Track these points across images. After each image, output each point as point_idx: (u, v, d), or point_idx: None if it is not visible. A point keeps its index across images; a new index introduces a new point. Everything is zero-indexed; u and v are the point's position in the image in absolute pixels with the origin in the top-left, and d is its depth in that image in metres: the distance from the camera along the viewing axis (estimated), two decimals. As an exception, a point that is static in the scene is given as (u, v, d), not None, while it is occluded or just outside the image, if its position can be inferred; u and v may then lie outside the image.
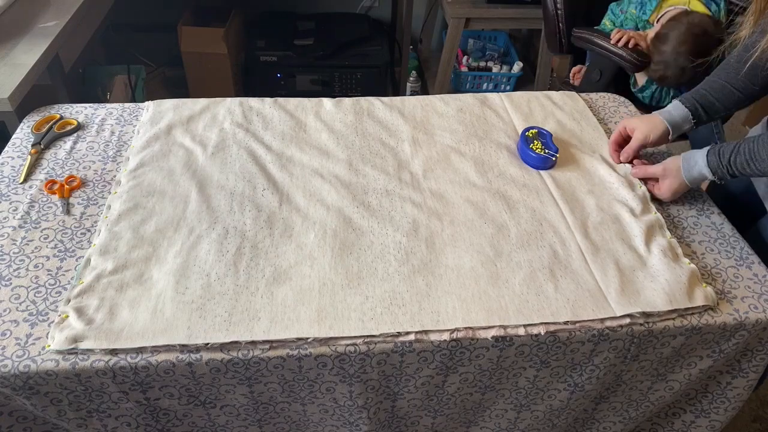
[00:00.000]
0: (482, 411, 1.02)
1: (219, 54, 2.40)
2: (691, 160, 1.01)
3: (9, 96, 1.23)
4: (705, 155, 0.99)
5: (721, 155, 0.97)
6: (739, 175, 0.96)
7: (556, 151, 1.14)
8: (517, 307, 0.88)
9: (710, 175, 0.99)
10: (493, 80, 2.69)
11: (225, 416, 0.93)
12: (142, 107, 1.26)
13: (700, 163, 1.00)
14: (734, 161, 0.95)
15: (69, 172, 1.09)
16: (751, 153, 0.93)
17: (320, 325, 0.84)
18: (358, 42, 2.55)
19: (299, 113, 1.26)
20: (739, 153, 0.95)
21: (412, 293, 0.89)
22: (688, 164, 1.02)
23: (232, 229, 0.98)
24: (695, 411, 1.07)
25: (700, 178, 1.02)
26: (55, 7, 1.61)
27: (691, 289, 0.91)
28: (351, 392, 0.90)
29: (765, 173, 0.94)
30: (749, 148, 0.94)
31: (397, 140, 1.21)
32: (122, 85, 2.28)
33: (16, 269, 0.90)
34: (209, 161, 1.12)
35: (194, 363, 0.81)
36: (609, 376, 0.95)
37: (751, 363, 0.98)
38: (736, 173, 0.96)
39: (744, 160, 0.94)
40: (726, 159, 0.96)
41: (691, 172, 1.02)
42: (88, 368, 0.79)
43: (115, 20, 2.46)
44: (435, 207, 1.05)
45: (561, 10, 1.77)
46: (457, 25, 2.23)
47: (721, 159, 0.97)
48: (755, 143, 0.93)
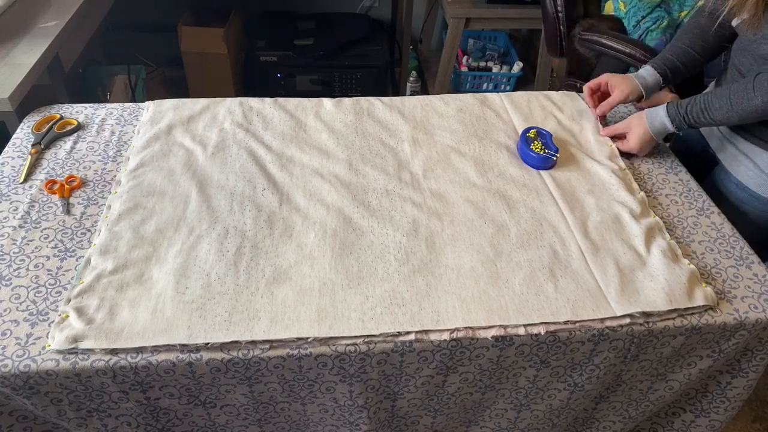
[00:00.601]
0: (482, 411, 1.02)
1: (219, 54, 2.40)
2: (654, 113, 1.14)
3: (9, 96, 1.23)
4: (666, 107, 1.11)
5: (679, 106, 1.09)
6: (695, 123, 1.08)
7: (556, 151, 1.14)
8: (517, 306, 0.88)
9: (670, 124, 1.11)
10: (493, 80, 2.69)
11: (225, 416, 0.93)
12: (142, 107, 1.26)
13: (661, 114, 1.12)
14: (690, 110, 1.08)
15: (69, 172, 1.09)
16: (705, 103, 1.06)
17: (320, 324, 0.84)
18: (358, 42, 2.55)
19: (299, 113, 1.26)
20: (695, 103, 1.07)
21: (412, 293, 0.89)
22: (651, 117, 1.14)
23: (232, 228, 0.98)
24: (695, 411, 1.07)
25: (662, 128, 1.13)
26: (55, 7, 1.61)
27: (691, 289, 0.91)
28: (351, 392, 0.90)
29: (717, 121, 1.07)
30: (704, 99, 1.06)
31: (397, 140, 1.21)
32: (122, 85, 2.28)
33: (17, 269, 0.90)
34: (209, 161, 1.12)
35: (194, 363, 0.81)
36: (609, 375, 0.95)
37: (751, 363, 0.98)
38: (692, 122, 1.08)
39: (699, 109, 1.06)
40: (683, 109, 1.08)
41: (654, 123, 1.14)
42: (88, 368, 0.79)
43: (115, 20, 2.46)
44: (435, 207, 1.05)
45: (561, 12, 1.77)
46: (457, 25, 2.23)
47: (679, 109, 1.09)
48: (710, 95, 1.06)
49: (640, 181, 1.15)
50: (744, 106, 1.01)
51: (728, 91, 1.03)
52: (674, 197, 1.12)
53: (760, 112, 1.00)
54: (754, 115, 1.01)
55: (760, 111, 1.00)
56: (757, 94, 0.98)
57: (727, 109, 1.03)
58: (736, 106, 1.02)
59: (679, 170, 1.19)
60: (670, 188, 1.14)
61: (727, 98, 1.03)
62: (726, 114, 1.04)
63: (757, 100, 0.98)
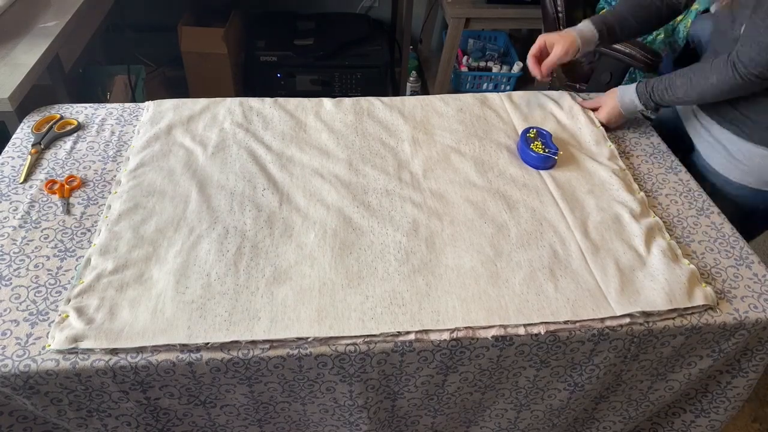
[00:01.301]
0: (482, 410, 1.02)
1: (219, 54, 2.40)
2: (625, 89, 1.22)
3: (9, 96, 1.23)
4: (636, 85, 1.19)
5: (647, 84, 1.16)
6: (660, 101, 1.15)
7: (557, 150, 1.14)
8: (517, 306, 0.88)
9: (638, 101, 1.19)
10: (493, 80, 2.69)
11: (225, 416, 0.93)
12: (142, 107, 1.26)
13: (630, 91, 1.20)
14: (656, 88, 1.15)
15: (69, 172, 1.09)
16: (669, 82, 1.13)
17: (320, 324, 0.84)
18: (358, 42, 2.55)
19: (299, 113, 1.26)
20: (661, 81, 1.14)
21: (412, 293, 0.89)
22: (621, 93, 1.23)
23: (232, 228, 0.98)
24: (695, 410, 1.07)
25: (631, 105, 1.21)
26: (55, 7, 1.61)
27: (690, 289, 0.91)
28: (351, 392, 0.90)
29: (678, 99, 1.13)
30: (668, 78, 1.13)
31: (397, 140, 1.21)
32: (122, 85, 2.28)
33: (17, 269, 0.90)
34: (209, 161, 1.12)
35: (194, 362, 0.81)
36: (609, 375, 0.95)
37: (751, 362, 0.98)
38: (657, 99, 1.15)
39: (663, 87, 1.13)
40: (650, 87, 1.15)
41: (624, 99, 1.22)
42: (88, 368, 0.79)
43: (115, 20, 2.46)
44: (435, 207, 1.05)
45: (561, 12, 1.77)
46: (457, 25, 2.22)
47: (646, 87, 1.16)
48: (674, 74, 1.13)
49: (640, 181, 1.15)
50: (701, 84, 1.07)
51: (690, 71, 1.10)
52: (674, 197, 1.12)
53: (715, 90, 1.06)
54: (710, 92, 1.07)
55: (714, 90, 1.06)
56: (713, 74, 1.05)
57: (687, 88, 1.10)
58: (695, 84, 1.08)
59: (679, 170, 1.19)
60: (670, 188, 1.14)
61: (687, 77, 1.10)
62: (686, 92, 1.10)
63: (712, 78, 1.05)
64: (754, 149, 1.10)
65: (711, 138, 1.17)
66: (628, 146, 1.25)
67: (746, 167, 1.12)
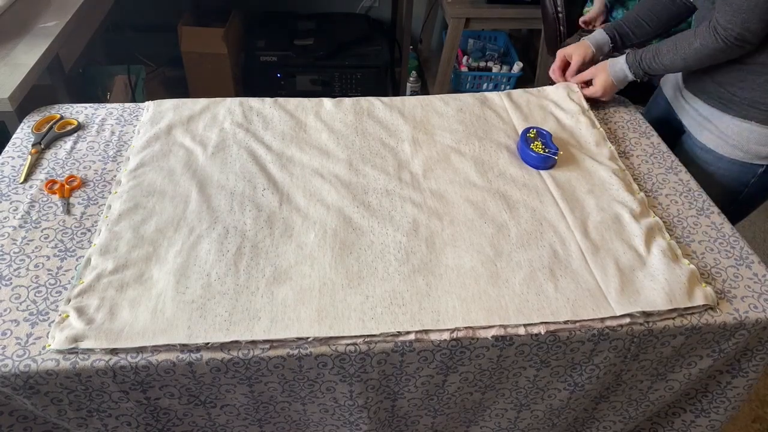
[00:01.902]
0: (482, 410, 1.02)
1: (219, 54, 2.40)
2: (615, 61, 1.26)
3: (9, 96, 1.23)
4: (625, 56, 1.23)
5: (635, 53, 1.21)
6: (648, 69, 1.19)
7: (557, 150, 1.14)
8: (517, 306, 0.88)
9: (628, 70, 1.23)
10: (493, 80, 2.69)
11: (225, 416, 0.93)
12: (142, 107, 1.26)
13: (620, 62, 1.24)
14: (644, 57, 1.19)
15: (69, 172, 1.09)
16: (655, 50, 1.17)
17: (320, 324, 0.84)
18: (358, 42, 2.55)
19: (299, 113, 1.26)
20: (648, 50, 1.18)
21: (412, 293, 0.89)
22: (613, 63, 1.26)
23: (233, 228, 0.98)
24: (695, 410, 1.07)
25: (622, 74, 1.25)
26: (55, 7, 1.61)
27: (690, 289, 0.91)
28: (351, 392, 0.90)
29: (665, 66, 1.17)
30: (655, 47, 1.17)
31: (397, 140, 1.21)
32: (122, 85, 2.28)
33: (17, 269, 0.90)
34: (209, 161, 1.12)
35: (194, 362, 0.81)
36: (609, 375, 0.95)
37: (751, 362, 0.98)
38: (646, 68, 1.20)
39: (651, 55, 1.18)
40: (639, 56, 1.20)
41: (615, 69, 1.26)
42: (88, 368, 0.79)
43: (115, 20, 2.46)
44: (435, 207, 1.05)
45: (561, 12, 1.77)
46: (457, 25, 2.23)
47: (635, 56, 1.20)
48: (661, 43, 1.17)
49: (640, 181, 1.15)
50: (686, 49, 1.11)
51: (676, 38, 1.14)
52: (674, 197, 1.12)
53: (699, 55, 1.10)
54: (693, 57, 1.11)
55: (698, 54, 1.10)
56: (696, 39, 1.09)
57: (672, 54, 1.14)
58: (680, 50, 1.13)
59: (679, 170, 1.19)
60: (669, 188, 1.14)
61: (673, 43, 1.14)
62: (672, 58, 1.15)
63: (696, 42, 1.09)
64: (741, 124, 1.15)
65: (699, 116, 1.23)
66: (628, 146, 1.25)
67: (735, 142, 1.17)
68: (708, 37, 1.07)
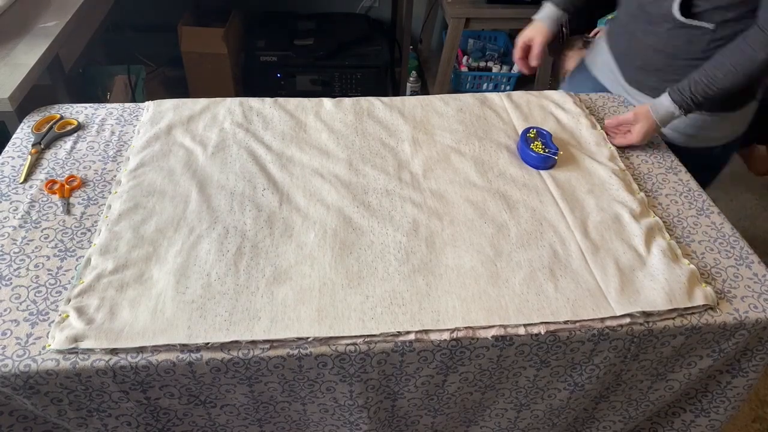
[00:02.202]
0: (482, 410, 1.02)
1: (219, 54, 2.40)
2: (658, 103, 1.17)
3: (9, 96, 1.23)
4: (668, 95, 1.15)
5: (682, 91, 1.12)
6: (703, 100, 1.11)
7: (557, 150, 1.14)
8: (517, 306, 0.88)
9: (677, 110, 1.14)
10: (493, 80, 2.69)
11: (225, 416, 0.93)
12: (143, 107, 1.26)
13: (665, 104, 1.15)
14: (696, 91, 1.11)
15: (69, 172, 1.09)
16: (707, 78, 1.09)
17: (320, 324, 0.84)
18: (358, 42, 2.55)
19: (299, 113, 1.26)
20: (697, 83, 1.11)
21: (412, 293, 0.89)
22: (655, 107, 1.17)
23: (233, 228, 0.98)
24: (695, 410, 1.07)
25: (668, 115, 1.16)
26: (55, 7, 1.61)
27: (690, 289, 0.91)
28: (351, 392, 0.90)
29: (726, 89, 1.09)
30: (704, 75, 1.10)
31: (397, 140, 1.21)
32: (122, 85, 2.28)
33: (17, 269, 0.90)
34: (209, 161, 1.12)
35: (194, 362, 0.81)
36: (609, 375, 0.95)
37: (751, 362, 0.98)
38: (699, 100, 1.11)
39: (704, 86, 1.10)
40: (688, 92, 1.12)
41: (659, 112, 1.16)
42: (88, 368, 0.79)
43: (115, 20, 2.46)
44: (435, 207, 1.05)
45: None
46: (457, 25, 2.22)
47: (683, 94, 1.12)
48: (706, 70, 1.10)
49: (639, 181, 1.15)
50: (748, 65, 1.05)
51: (723, 59, 1.08)
52: (674, 197, 1.12)
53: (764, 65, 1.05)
54: (761, 68, 1.06)
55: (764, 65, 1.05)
56: (757, 51, 1.03)
57: (732, 75, 1.07)
58: (740, 68, 1.06)
59: (679, 170, 1.19)
60: (669, 188, 1.14)
61: (727, 65, 1.07)
62: (733, 79, 1.08)
63: (761, 55, 1.03)
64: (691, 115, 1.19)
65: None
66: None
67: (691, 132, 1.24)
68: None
